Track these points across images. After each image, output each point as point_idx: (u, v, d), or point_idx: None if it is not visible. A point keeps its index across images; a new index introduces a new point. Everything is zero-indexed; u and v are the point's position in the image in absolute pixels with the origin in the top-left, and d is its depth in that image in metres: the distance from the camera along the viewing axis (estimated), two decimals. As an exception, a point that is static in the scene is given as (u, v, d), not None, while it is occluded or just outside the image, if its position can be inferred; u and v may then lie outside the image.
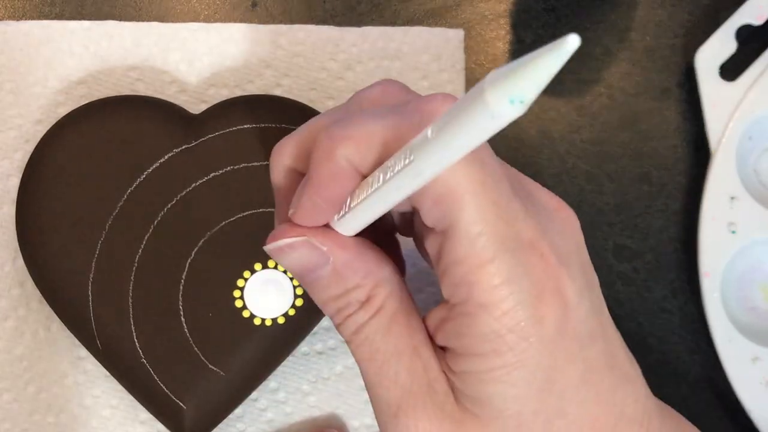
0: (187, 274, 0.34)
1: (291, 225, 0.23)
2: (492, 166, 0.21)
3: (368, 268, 0.23)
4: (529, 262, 0.21)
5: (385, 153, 0.21)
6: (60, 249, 0.34)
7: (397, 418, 0.23)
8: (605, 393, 0.23)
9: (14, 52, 0.38)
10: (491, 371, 0.21)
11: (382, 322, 0.23)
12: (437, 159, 0.18)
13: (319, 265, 0.23)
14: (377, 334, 0.23)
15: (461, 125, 0.16)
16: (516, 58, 0.41)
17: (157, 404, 0.34)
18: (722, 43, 0.38)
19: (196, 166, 0.35)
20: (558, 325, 0.21)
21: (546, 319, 0.21)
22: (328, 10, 0.40)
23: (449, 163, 0.18)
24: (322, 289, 0.23)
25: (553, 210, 0.24)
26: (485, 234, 0.21)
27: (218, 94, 0.39)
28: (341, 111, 0.24)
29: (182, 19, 0.40)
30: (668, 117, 0.40)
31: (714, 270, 0.37)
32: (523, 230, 0.21)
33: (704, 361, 0.39)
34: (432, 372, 0.23)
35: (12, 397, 0.37)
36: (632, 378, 0.24)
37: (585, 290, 0.23)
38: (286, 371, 0.37)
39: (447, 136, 0.17)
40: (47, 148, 0.35)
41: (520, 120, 0.40)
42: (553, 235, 0.22)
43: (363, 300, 0.23)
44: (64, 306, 0.35)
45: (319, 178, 0.21)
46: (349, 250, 0.23)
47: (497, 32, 0.40)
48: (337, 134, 0.21)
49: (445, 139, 0.17)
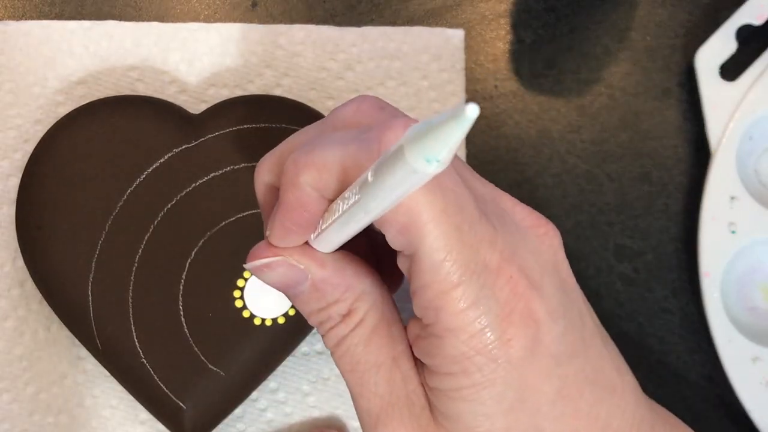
0: (187, 274, 0.34)
1: (268, 244, 0.24)
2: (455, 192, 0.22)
3: (347, 283, 0.23)
4: (496, 285, 0.22)
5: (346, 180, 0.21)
6: (60, 249, 0.34)
7: (377, 428, 0.24)
8: (585, 407, 0.23)
9: (14, 52, 0.38)
10: (460, 390, 0.22)
11: (362, 335, 0.24)
12: (379, 201, 0.19)
13: (298, 282, 0.24)
14: (358, 346, 0.24)
15: (391, 176, 0.17)
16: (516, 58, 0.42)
17: (156, 404, 0.34)
18: (722, 43, 0.38)
19: (196, 166, 0.35)
20: (528, 345, 0.22)
21: (514, 341, 0.22)
22: (328, 10, 0.40)
23: (391, 204, 0.19)
24: (304, 304, 0.24)
25: (529, 228, 0.24)
26: (449, 260, 0.21)
27: (218, 94, 0.39)
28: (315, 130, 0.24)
29: (182, 19, 0.40)
30: (668, 117, 0.40)
31: (714, 270, 0.37)
32: (490, 253, 0.22)
33: (704, 361, 0.39)
34: (411, 384, 0.24)
35: (11, 398, 0.37)
36: (619, 390, 0.24)
37: (561, 308, 0.23)
38: (286, 371, 0.37)
39: (381, 184, 0.18)
40: (47, 148, 0.35)
41: (520, 120, 0.40)
42: (525, 255, 0.23)
43: (344, 313, 0.24)
44: (64, 306, 0.35)
45: (287, 204, 0.22)
46: (326, 266, 0.23)
47: (497, 32, 0.40)
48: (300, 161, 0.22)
49: (380, 185, 0.18)
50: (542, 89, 0.40)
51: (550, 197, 0.39)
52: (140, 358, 0.34)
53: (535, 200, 0.39)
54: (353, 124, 0.23)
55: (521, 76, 0.40)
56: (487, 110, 0.40)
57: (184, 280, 0.34)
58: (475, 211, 0.22)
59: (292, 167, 0.22)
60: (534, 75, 0.40)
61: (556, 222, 0.39)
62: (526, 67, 0.40)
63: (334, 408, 0.37)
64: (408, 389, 0.23)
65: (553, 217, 0.39)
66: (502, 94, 0.40)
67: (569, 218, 0.39)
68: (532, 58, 0.40)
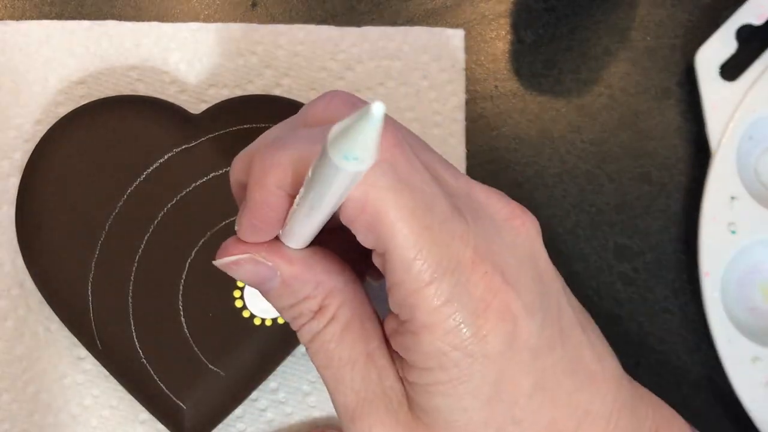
0: (187, 274, 0.34)
1: (236, 241, 0.24)
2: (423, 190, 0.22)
3: (317, 279, 0.24)
4: (470, 281, 0.22)
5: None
6: (60, 249, 0.34)
7: (354, 423, 0.24)
8: (564, 397, 0.23)
9: (14, 52, 0.38)
10: (437, 385, 0.22)
11: (334, 331, 0.24)
12: (319, 196, 0.19)
13: (267, 278, 0.24)
14: (331, 342, 0.24)
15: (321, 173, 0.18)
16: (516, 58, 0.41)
17: (156, 404, 0.34)
18: (722, 43, 0.38)
19: (196, 166, 0.35)
20: (505, 340, 0.22)
21: (490, 336, 0.22)
22: (328, 10, 0.40)
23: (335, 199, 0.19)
24: (276, 300, 0.24)
25: (504, 220, 0.24)
26: (420, 258, 0.21)
27: (218, 94, 0.39)
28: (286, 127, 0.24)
29: (182, 19, 0.40)
30: (668, 117, 0.40)
31: (714, 270, 0.37)
32: (463, 250, 0.22)
33: (704, 361, 0.39)
34: (387, 380, 0.24)
35: (11, 398, 0.37)
36: (598, 377, 0.24)
37: (538, 301, 0.23)
38: (286, 371, 0.37)
39: (317, 180, 0.18)
40: (47, 148, 0.35)
41: (520, 120, 0.40)
42: (499, 249, 0.23)
43: (315, 310, 0.24)
44: (63, 306, 0.35)
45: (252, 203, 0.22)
46: (295, 263, 0.23)
47: (497, 32, 0.40)
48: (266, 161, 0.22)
49: (316, 181, 0.18)
50: (542, 89, 0.40)
51: (550, 197, 0.39)
52: (140, 358, 0.34)
53: (535, 200, 0.39)
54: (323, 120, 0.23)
55: (521, 76, 0.40)
56: (487, 110, 0.40)
57: (184, 280, 0.34)
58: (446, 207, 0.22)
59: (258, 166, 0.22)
60: (534, 75, 0.40)
61: (556, 222, 0.39)
62: (526, 67, 0.40)
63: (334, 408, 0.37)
64: (384, 385, 0.24)
65: (553, 217, 0.39)
66: (502, 94, 0.40)
67: (569, 218, 0.39)
68: (532, 58, 0.40)
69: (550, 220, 0.39)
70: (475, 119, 0.40)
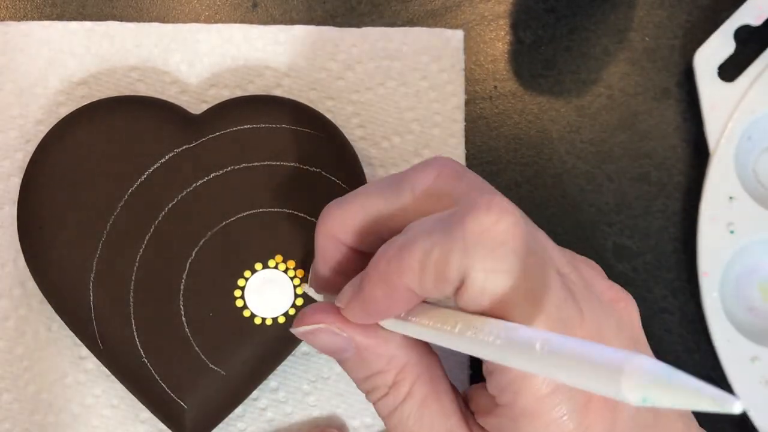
0: (188, 274, 0.34)
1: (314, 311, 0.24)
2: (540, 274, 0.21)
3: (392, 353, 0.23)
4: None
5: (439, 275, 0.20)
6: (61, 249, 0.34)
7: None
8: None
9: (15, 53, 0.39)
10: None
11: (412, 408, 0.23)
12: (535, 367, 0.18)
13: (343, 349, 0.24)
14: (409, 419, 0.23)
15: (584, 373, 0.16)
16: (515, 58, 0.42)
17: (157, 403, 0.34)
18: (721, 44, 0.38)
19: (196, 166, 0.35)
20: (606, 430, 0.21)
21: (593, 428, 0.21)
22: (328, 10, 0.40)
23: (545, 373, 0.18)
24: (351, 371, 0.24)
25: (610, 302, 0.24)
26: None
27: (219, 94, 0.39)
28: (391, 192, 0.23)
29: (183, 20, 0.40)
30: (668, 117, 0.40)
31: (713, 270, 0.37)
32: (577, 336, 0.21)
33: (704, 360, 0.39)
34: None
35: (13, 397, 0.37)
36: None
37: None
38: (286, 371, 0.37)
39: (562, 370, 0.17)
40: (48, 148, 0.35)
41: (519, 120, 0.40)
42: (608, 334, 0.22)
43: (390, 384, 0.23)
44: (65, 305, 0.35)
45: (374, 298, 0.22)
46: (370, 336, 0.23)
47: (497, 33, 0.40)
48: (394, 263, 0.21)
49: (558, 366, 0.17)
50: (542, 90, 0.40)
51: (550, 197, 0.39)
52: (141, 358, 0.34)
53: (535, 200, 0.39)
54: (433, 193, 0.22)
55: (521, 76, 0.40)
56: (487, 111, 0.40)
57: (185, 280, 0.34)
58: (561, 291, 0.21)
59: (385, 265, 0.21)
60: (533, 75, 0.40)
61: (556, 221, 0.39)
62: (525, 68, 0.40)
63: (334, 407, 0.38)
64: None
65: (553, 216, 0.39)
66: (501, 94, 0.40)
67: (569, 218, 0.39)
68: (532, 58, 0.40)
69: (549, 220, 0.39)
70: (474, 120, 0.40)
